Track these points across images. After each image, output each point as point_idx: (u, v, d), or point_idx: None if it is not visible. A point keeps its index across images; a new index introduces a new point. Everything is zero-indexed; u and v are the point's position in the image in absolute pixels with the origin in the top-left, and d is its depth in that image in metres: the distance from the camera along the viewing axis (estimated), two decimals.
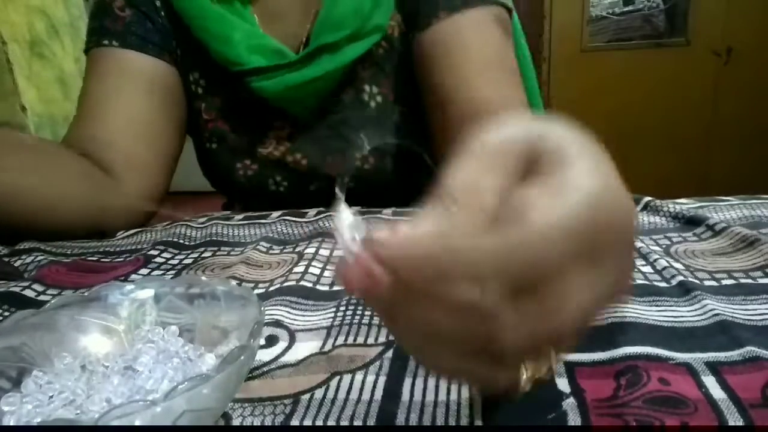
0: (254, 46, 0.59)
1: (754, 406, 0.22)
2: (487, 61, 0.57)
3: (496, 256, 0.16)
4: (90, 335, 0.28)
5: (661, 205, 0.47)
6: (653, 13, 2.40)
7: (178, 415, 0.19)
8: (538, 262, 0.16)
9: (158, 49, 0.62)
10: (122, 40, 0.61)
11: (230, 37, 0.59)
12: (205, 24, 0.59)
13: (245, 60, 0.59)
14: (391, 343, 0.29)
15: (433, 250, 0.16)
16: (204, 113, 0.65)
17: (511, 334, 0.17)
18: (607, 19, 2.41)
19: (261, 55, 0.59)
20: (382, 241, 0.16)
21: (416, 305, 0.17)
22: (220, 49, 0.59)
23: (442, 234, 0.16)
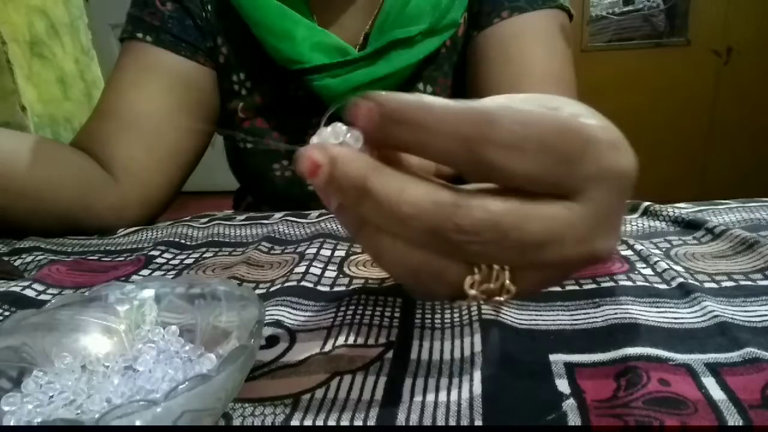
0: (316, 43, 0.56)
1: (753, 407, 0.22)
2: (549, 75, 0.54)
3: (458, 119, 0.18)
4: (90, 335, 0.28)
5: (661, 210, 0.47)
6: (653, 13, 2.40)
7: (178, 415, 0.19)
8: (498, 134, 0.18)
9: (193, 49, 0.59)
10: (156, 36, 0.58)
11: (292, 34, 0.56)
12: (265, 19, 0.56)
13: (308, 58, 0.56)
14: (391, 344, 0.29)
15: (411, 104, 0.18)
16: (240, 112, 0.62)
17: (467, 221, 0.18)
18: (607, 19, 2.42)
19: (323, 52, 0.56)
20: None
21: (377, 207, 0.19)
22: (281, 46, 0.56)
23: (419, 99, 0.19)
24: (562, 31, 0.56)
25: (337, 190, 0.20)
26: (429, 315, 0.32)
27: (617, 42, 2.42)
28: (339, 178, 0.19)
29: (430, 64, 0.60)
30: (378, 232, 0.21)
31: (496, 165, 0.19)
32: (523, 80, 0.53)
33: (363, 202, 0.19)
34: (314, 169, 0.19)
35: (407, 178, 0.19)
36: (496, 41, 0.56)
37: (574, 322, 0.30)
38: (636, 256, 0.38)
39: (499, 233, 0.19)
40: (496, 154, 0.18)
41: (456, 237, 0.19)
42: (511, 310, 0.31)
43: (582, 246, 0.20)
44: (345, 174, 0.19)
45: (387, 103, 0.19)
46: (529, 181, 0.19)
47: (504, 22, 0.55)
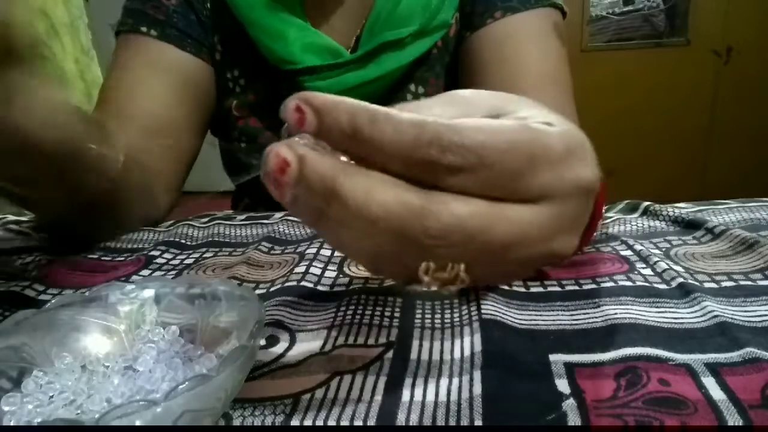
0: (308, 44, 0.56)
1: (753, 407, 0.22)
2: (544, 76, 0.54)
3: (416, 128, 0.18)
4: (90, 335, 0.28)
5: (661, 210, 0.47)
6: (653, 13, 2.40)
7: (179, 415, 0.19)
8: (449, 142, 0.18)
9: (197, 45, 0.58)
10: (161, 30, 0.57)
11: (285, 34, 0.55)
12: (259, 19, 0.56)
13: (299, 59, 0.56)
14: (391, 344, 0.29)
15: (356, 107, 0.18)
16: (235, 110, 0.62)
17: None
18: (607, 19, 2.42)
19: (315, 54, 0.56)
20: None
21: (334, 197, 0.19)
22: (273, 46, 0.56)
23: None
24: (555, 29, 0.56)
25: (304, 189, 0.19)
26: (429, 315, 0.32)
27: (617, 42, 2.42)
28: (308, 177, 0.19)
29: (422, 65, 0.60)
30: (338, 225, 0.20)
31: (448, 184, 0.19)
32: (518, 81, 0.53)
33: (331, 202, 0.19)
34: (282, 166, 0.19)
35: (376, 180, 0.19)
36: (490, 42, 0.55)
37: (574, 322, 0.30)
38: (636, 257, 0.38)
39: (466, 237, 0.19)
40: (445, 176, 0.19)
41: (424, 240, 0.19)
42: (511, 310, 0.31)
43: (543, 246, 0.22)
44: (314, 173, 0.19)
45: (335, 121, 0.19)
46: (483, 193, 0.20)
47: (497, 22, 0.55)
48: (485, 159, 0.19)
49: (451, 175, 0.19)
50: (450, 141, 0.19)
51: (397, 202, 0.19)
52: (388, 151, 0.19)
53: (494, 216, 0.20)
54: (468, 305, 0.32)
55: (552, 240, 0.22)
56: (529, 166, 0.20)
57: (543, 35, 0.55)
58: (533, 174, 0.20)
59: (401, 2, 0.56)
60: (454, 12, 0.58)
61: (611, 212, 0.49)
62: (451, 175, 0.19)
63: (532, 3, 0.55)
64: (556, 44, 0.56)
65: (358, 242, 0.21)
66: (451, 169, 0.19)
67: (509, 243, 0.20)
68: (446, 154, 0.19)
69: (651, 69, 2.37)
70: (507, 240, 0.20)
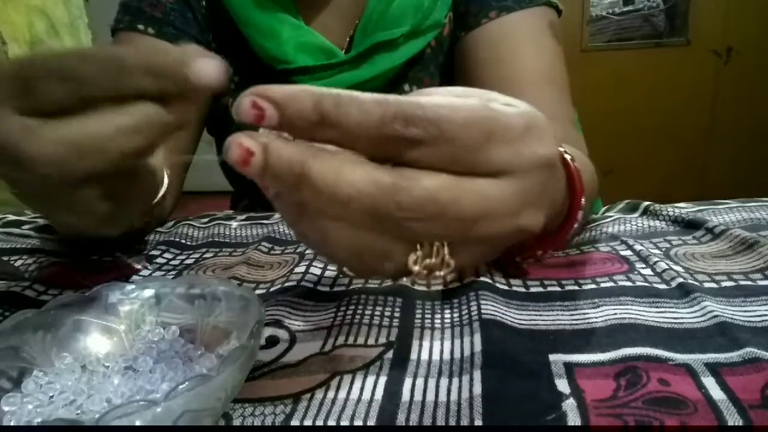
0: (302, 44, 0.56)
1: (753, 407, 0.22)
2: (540, 75, 0.53)
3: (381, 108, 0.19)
4: (90, 335, 0.28)
5: (661, 210, 0.47)
6: (653, 13, 2.40)
7: (179, 415, 0.19)
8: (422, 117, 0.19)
9: (194, 42, 0.58)
10: (158, 28, 0.57)
11: (278, 33, 0.55)
12: (252, 17, 0.56)
13: (292, 58, 0.55)
14: (391, 344, 0.29)
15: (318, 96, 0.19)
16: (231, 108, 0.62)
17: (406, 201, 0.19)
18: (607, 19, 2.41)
19: (308, 53, 0.56)
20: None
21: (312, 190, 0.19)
22: (267, 46, 0.56)
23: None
24: (551, 28, 0.56)
25: (272, 177, 0.19)
26: (429, 315, 0.32)
27: (617, 42, 2.42)
28: (274, 165, 0.19)
29: (416, 65, 0.60)
30: (320, 218, 0.21)
31: (413, 158, 0.20)
32: (514, 81, 0.53)
33: (301, 187, 0.19)
34: (246, 157, 0.19)
35: (344, 160, 0.20)
36: (485, 42, 0.55)
37: (574, 322, 0.30)
38: (635, 257, 0.38)
39: (438, 208, 0.20)
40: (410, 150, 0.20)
41: (397, 215, 0.20)
42: (511, 310, 0.31)
43: (511, 221, 0.22)
44: (280, 160, 0.19)
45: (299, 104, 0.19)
46: (447, 168, 0.20)
47: (492, 22, 0.55)
48: (445, 132, 0.20)
49: (415, 149, 0.20)
50: (413, 114, 0.19)
51: (368, 180, 0.19)
52: (355, 131, 0.19)
53: (462, 188, 0.21)
54: (468, 305, 0.32)
55: (518, 215, 0.23)
56: (486, 140, 0.21)
57: (538, 34, 0.55)
58: (492, 149, 0.21)
59: (393, 3, 0.56)
60: (447, 12, 0.58)
61: (611, 212, 0.49)
62: (415, 148, 0.20)
63: (526, 2, 0.55)
64: (551, 43, 0.56)
65: (337, 233, 0.21)
66: (414, 142, 0.19)
67: (478, 215, 0.21)
68: (410, 128, 0.19)
69: (651, 69, 2.36)
70: (476, 212, 0.21)
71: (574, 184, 0.32)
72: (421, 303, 0.33)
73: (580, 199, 0.33)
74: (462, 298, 0.33)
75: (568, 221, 0.34)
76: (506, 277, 0.36)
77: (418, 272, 0.22)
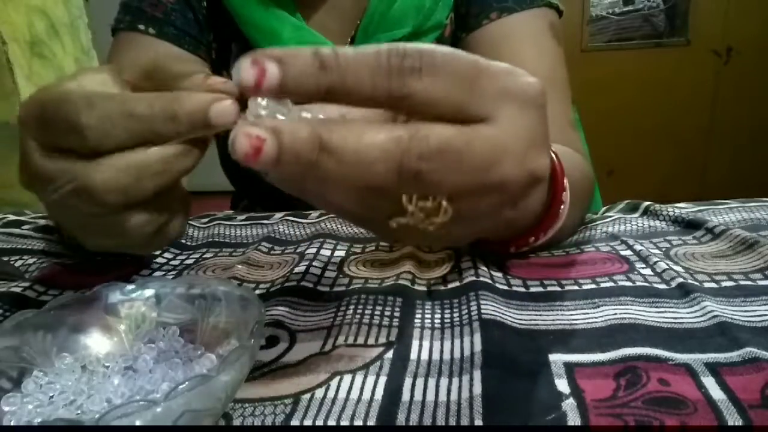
0: (303, 44, 0.56)
1: (753, 406, 0.22)
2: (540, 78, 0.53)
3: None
4: (90, 335, 0.28)
5: (661, 210, 0.47)
6: (653, 13, 2.40)
7: (179, 415, 0.19)
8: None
9: (195, 43, 0.58)
10: (159, 28, 0.57)
11: (279, 34, 0.55)
12: (253, 17, 0.56)
13: None
14: (391, 344, 0.29)
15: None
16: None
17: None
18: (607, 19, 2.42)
19: None
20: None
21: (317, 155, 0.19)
22: (267, 45, 0.56)
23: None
24: (551, 29, 0.56)
25: (290, 159, 0.19)
26: (429, 315, 0.32)
27: (617, 42, 2.42)
28: (290, 146, 0.19)
29: None
30: (323, 182, 0.21)
31: (414, 90, 0.21)
32: None
33: (321, 160, 0.19)
34: (258, 145, 0.19)
35: (360, 126, 0.20)
36: (486, 43, 0.55)
37: (574, 322, 0.30)
38: (635, 257, 0.38)
39: (455, 154, 0.21)
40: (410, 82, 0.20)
41: (421, 166, 0.20)
42: (510, 310, 0.31)
43: (520, 164, 0.23)
44: (295, 139, 0.19)
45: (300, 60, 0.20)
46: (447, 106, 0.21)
47: (493, 23, 0.55)
48: (438, 59, 0.21)
49: (415, 78, 0.20)
50: (405, 48, 0.20)
51: (389, 139, 0.20)
52: (354, 72, 0.20)
53: (471, 134, 0.22)
54: (468, 305, 0.32)
55: (525, 157, 0.23)
56: (476, 73, 0.22)
57: (539, 36, 0.55)
58: (482, 84, 0.22)
59: (394, 4, 0.56)
60: (448, 12, 0.58)
61: (611, 212, 0.49)
62: (414, 77, 0.20)
63: (527, 3, 0.55)
64: (552, 44, 0.56)
65: (347, 195, 0.22)
66: (413, 71, 0.20)
67: (489, 160, 0.22)
68: (406, 59, 0.20)
69: (651, 69, 2.37)
70: (486, 157, 0.22)
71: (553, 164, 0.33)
72: (421, 303, 0.33)
73: (562, 179, 0.34)
74: (462, 298, 0.33)
75: (553, 203, 0.35)
76: (502, 270, 0.36)
77: (412, 211, 0.22)
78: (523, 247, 0.38)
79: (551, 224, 0.36)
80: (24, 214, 0.57)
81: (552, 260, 0.39)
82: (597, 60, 2.40)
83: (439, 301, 0.33)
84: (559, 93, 0.54)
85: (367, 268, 0.40)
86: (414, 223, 0.22)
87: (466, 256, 0.39)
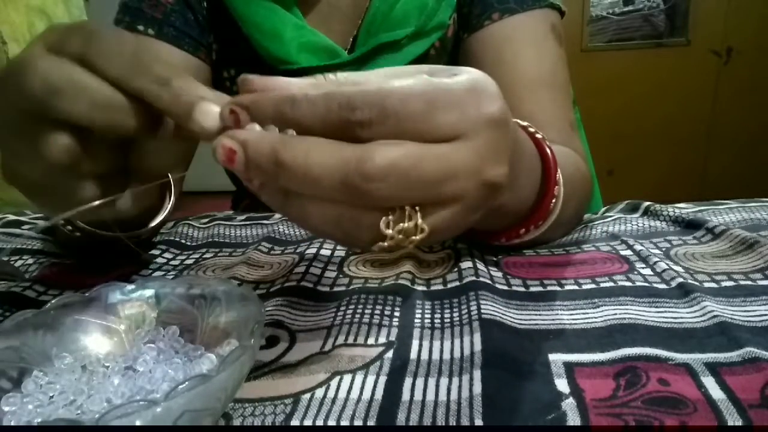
0: (305, 44, 0.56)
1: (753, 406, 0.22)
2: (540, 79, 0.54)
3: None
4: (90, 335, 0.28)
5: (661, 210, 0.47)
6: (653, 13, 2.40)
7: (178, 415, 0.19)
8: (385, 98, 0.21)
9: (195, 44, 0.58)
10: (158, 29, 0.56)
11: (281, 34, 0.55)
12: (255, 18, 0.56)
13: (294, 59, 0.55)
14: (391, 344, 0.29)
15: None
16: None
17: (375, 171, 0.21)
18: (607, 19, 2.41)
19: (311, 53, 0.56)
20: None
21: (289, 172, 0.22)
22: (269, 46, 0.56)
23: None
24: (553, 31, 0.56)
25: (255, 169, 0.22)
26: (429, 315, 0.32)
27: (617, 42, 2.41)
28: (253, 159, 0.22)
29: None
30: (300, 199, 0.23)
31: (366, 139, 0.22)
32: (514, 84, 0.53)
33: (279, 173, 0.22)
34: (231, 156, 0.22)
35: (312, 143, 0.22)
36: (487, 45, 0.55)
37: (574, 322, 0.30)
38: (635, 257, 0.38)
39: (401, 173, 0.22)
40: (361, 131, 0.22)
41: (365, 185, 0.21)
42: (510, 310, 0.31)
43: (475, 177, 0.24)
44: (257, 153, 0.22)
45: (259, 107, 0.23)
46: (398, 137, 0.22)
47: (495, 24, 0.55)
48: (388, 109, 0.21)
49: (365, 130, 0.22)
50: (354, 100, 0.21)
51: (334, 158, 0.21)
52: (309, 122, 0.22)
53: (421, 153, 0.22)
54: (468, 305, 0.32)
55: (481, 172, 0.24)
56: (430, 109, 0.22)
57: (540, 38, 0.55)
58: (437, 116, 0.22)
59: (397, 3, 0.56)
60: (451, 13, 0.58)
61: (611, 212, 0.49)
62: (364, 129, 0.22)
63: (529, 3, 0.55)
64: (553, 46, 0.56)
65: (316, 210, 0.23)
66: (362, 124, 0.21)
67: (441, 177, 0.23)
68: (355, 112, 0.21)
69: (651, 69, 2.36)
70: (438, 173, 0.22)
71: (545, 156, 0.34)
72: (421, 303, 0.33)
73: (555, 173, 0.35)
74: (462, 298, 0.33)
75: (546, 195, 0.35)
76: (502, 270, 0.36)
77: (392, 236, 0.23)
78: (515, 238, 0.38)
79: (542, 217, 0.37)
80: (24, 214, 0.57)
81: (552, 260, 0.39)
82: (597, 60, 2.40)
83: (439, 301, 0.33)
84: (560, 95, 0.54)
85: (367, 267, 0.40)
86: (395, 246, 0.23)
87: (466, 256, 0.39)
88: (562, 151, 0.41)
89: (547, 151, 0.36)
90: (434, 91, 0.23)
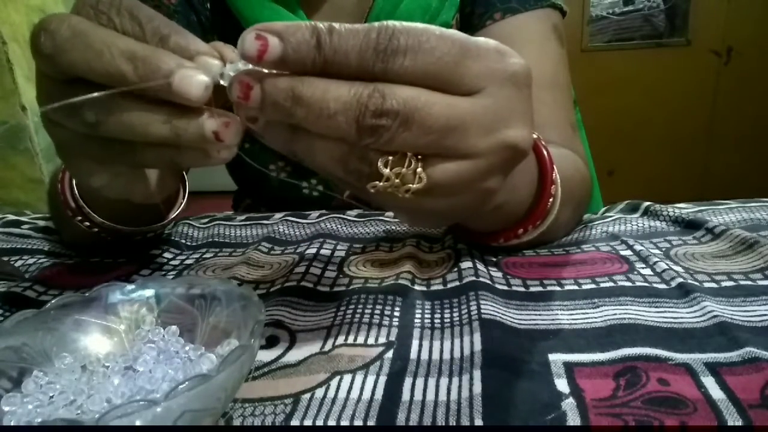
0: None
1: (753, 406, 0.22)
2: (541, 80, 0.53)
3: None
4: (90, 335, 0.28)
5: (661, 210, 0.47)
6: (653, 13, 2.40)
7: (179, 415, 0.19)
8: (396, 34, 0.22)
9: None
10: None
11: None
12: (258, 19, 0.56)
13: None
14: (391, 344, 0.29)
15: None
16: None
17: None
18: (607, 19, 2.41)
19: None
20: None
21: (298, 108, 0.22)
22: None
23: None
24: (555, 31, 0.56)
25: (270, 104, 0.22)
26: (429, 315, 0.32)
27: (617, 42, 2.41)
28: (270, 94, 0.22)
29: None
30: (309, 136, 0.23)
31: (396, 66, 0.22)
32: None
33: (295, 108, 0.22)
34: (246, 91, 0.22)
35: (329, 80, 0.22)
36: None
37: (574, 322, 0.30)
38: (635, 257, 0.38)
39: (406, 114, 0.22)
40: (394, 58, 0.22)
41: (375, 122, 0.22)
42: (510, 310, 0.31)
43: (490, 136, 0.24)
44: (275, 87, 0.22)
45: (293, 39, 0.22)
46: (425, 80, 0.22)
47: (496, 24, 0.55)
48: (424, 42, 0.22)
49: (398, 57, 0.22)
50: (395, 28, 0.22)
51: (350, 94, 0.22)
52: (345, 48, 0.22)
53: (433, 98, 0.22)
54: (468, 305, 0.32)
55: (499, 130, 0.24)
56: (462, 54, 0.23)
57: (542, 38, 0.56)
58: (467, 63, 0.23)
59: (401, 3, 0.56)
60: (455, 12, 0.58)
61: (611, 212, 0.49)
62: (398, 56, 0.22)
63: (531, 3, 0.55)
64: (554, 46, 0.56)
65: (327, 147, 0.23)
66: (397, 51, 0.22)
67: (448, 126, 0.23)
68: (393, 39, 0.22)
69: (651, 69, 2.36)
70: (445, 122, 0.23)
71: (542, 157, 0.34)
72: (421, 303, 0.33)
73: (551, 173, 0.35)
74: (462, 298, 0.33)
75: (543, 195, 0.36)
76: (502, 270, 0.36)
77: (388, 176, 0.23)
78: (513, 239, 0.38)
79: (540, 217, 0.37)
80: (24, 214, 0.57)
81: (552, 260, 0.39)
82: (597, 60, 2.40)
83: (439, 301, 0.33)
84: (561, 95, 0.55)
85: (367, 267, 0.40)
86: (391, 189, 0.23)
87: (466, 256, 0.39)
88: (560, 152, 0.41)
89: (544, 151, 0.36)
90: (467, 41, 0.23)
